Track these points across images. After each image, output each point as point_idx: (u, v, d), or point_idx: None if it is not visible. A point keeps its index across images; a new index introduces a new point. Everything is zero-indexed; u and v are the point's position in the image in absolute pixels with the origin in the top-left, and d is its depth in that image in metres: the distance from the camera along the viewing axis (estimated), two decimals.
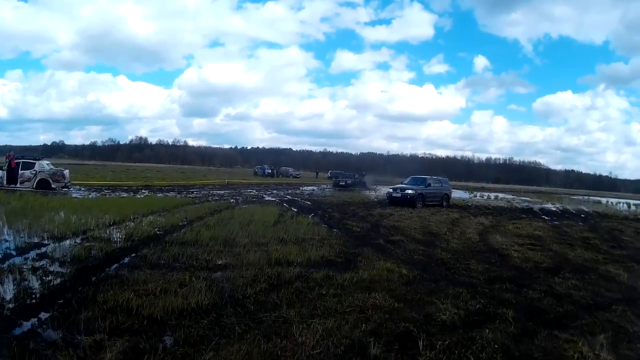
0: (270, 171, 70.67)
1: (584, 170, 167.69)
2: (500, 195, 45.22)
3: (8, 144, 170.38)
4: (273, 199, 24.33)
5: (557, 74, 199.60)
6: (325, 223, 14.62)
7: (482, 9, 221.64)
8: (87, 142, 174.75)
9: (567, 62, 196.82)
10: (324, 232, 12.53)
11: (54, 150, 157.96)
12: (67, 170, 24.88)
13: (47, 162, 24.51)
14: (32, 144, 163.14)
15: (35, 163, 22.77)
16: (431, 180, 25.61)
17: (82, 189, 25.67)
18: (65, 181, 23.48)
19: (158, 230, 11.35)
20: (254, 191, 31.31)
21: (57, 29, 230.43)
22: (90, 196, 20.97)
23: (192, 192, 27.64)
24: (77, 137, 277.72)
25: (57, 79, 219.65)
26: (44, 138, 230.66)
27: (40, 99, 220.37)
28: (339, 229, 13.59)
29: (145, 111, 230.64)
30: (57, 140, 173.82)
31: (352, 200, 26.02)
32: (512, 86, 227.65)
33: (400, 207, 22.30)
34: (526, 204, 34.02)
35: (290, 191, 33.72)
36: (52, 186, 22.22)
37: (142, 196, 22.16)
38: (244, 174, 72.65)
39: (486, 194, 46.35)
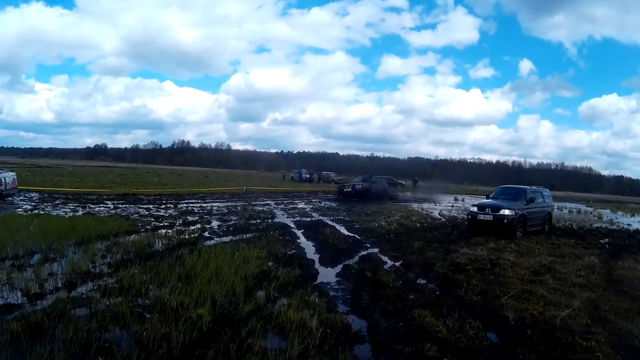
0: (308, 176, 61.61)
1: (629, 175, 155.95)
2: (571, 205, 37.68)
3: (53, 146, 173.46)
4: (286, 221, 15.82)
5: (601, 76, 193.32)
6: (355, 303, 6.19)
7: (525, 12, 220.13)
8: (129, 146, 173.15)
9: (611, 64, 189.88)
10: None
11: (96, 153, 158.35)
12: (12, 175, 18.73)
13: None
14: (77, 147, 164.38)
15: None
16: (532, 192, 16.06)
17: (31, 197, 19.67)
18: (4, 187, 17.49)
19: None
20: (272, 203, 23.23)
21: (101, 36, 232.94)
22: None
23: (178, 205, 19.67)
24: (123, 141, 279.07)
25: (103, 84, 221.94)
26: (90, 141, 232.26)
27: (86, 104, 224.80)
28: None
29: (192, 116, 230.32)
30: (99, 143, 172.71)
31: (408, 223, 16.96)
32: (557, 90, 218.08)
33: (488, 238, 13.31)
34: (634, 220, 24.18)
35: (323, 203, 25.39)
36: None
37: (81, 213, 14.82)
38: (275, 179, 64.45)
39: (556, 204, 35.92)
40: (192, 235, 11.47)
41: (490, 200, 15.67)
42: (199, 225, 13.23)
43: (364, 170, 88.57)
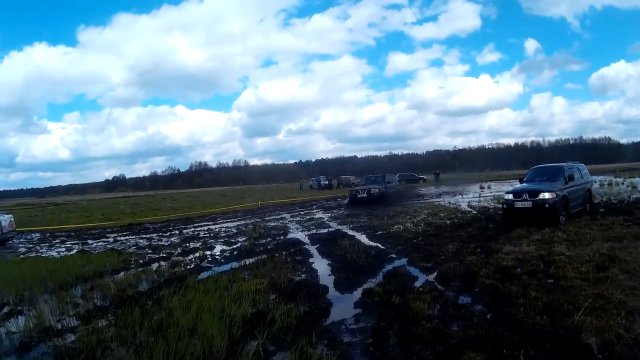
0: (326, 182, 59.72)
1: None
2: (599, 177, 34.37)
3: (72, 183, 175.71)
4: (299, 235, 14.17)
5: (607, 45, 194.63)
6: None
7: None
8: (148, 174, 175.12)
9: (615, 32, 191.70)
10: None
11: (115, 185, 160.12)
12: (8, 217, 17.80)
13: None
14: (96, 181, 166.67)
15: None
16: (570, 169, 14.02)
17: (31, 239, 18.85)
18: (0, 232, 16.69)
19: None
20: (287, 216, 21.61)
21: (108, 68, 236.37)
22: None
23: (184, 230, 18.15)
24: (141, 170, 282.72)
25: (115, 116, 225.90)
26: (108, 174, 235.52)
27: (100, 137, 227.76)
28: None
29: (207, 137, 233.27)
30: (118, 174, 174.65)
31: (437, 221, 15.17)
32: (566, 65, 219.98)
33: (529, 227, 11.37)
34: None
35: (342, 210, 23.37)
36: None
37: (75, 252, 13.79)
38: (294, 189, 62.86)
39: None
40: (187, 267, 10.01)
41: (525, 184, 13.71)
42: (199, 254, 11.72)
43: (383, 170, 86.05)
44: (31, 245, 16.45)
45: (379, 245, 11.09)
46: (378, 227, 14.44)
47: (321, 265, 9.10)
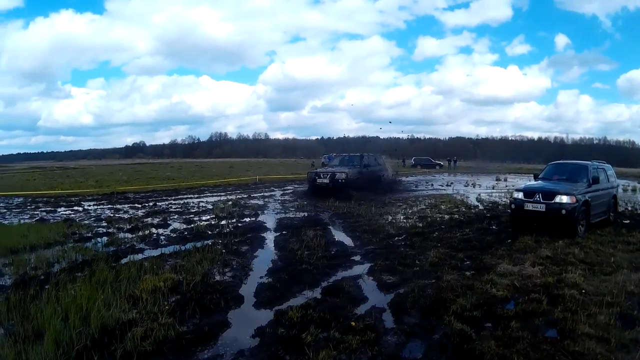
0: None
1: None
2: (621, 182, 29.99)
3: (93, 147, 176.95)
4: (270, 219, 12.39)
5: (638, 48, 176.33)
6: None
7: None
8: (168, 142, 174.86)
9: None
10: None
11: (134, 151, 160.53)
12: None
13: None
14: (117, 147, 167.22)
15: None
16: (595, 169, 11.75)
17: (9, 203, 17.57)
18: None
19: None
20: (278, 194, 20.00)
21: (134, 37, 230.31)
22: None
23: (159, 203, 16.66)
24: (164, 138, 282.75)
25: (140, 84, 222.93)
26: (129, 140, 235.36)
27: (124, 104, 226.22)
28: None
29: (232, 109, 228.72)
30: (138, 141, 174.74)
31: (433, 215, 13.10)
32: (595, 64, 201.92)
33: (539, 236, 9.30)
34: None
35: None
36: None
37: (32, 220, 12.77)
38: (306, 165, 61.07)
39: None
40: (120, 247, 8.57)
41: (540, 182, 11.43)
42: (147, 231, 10.24)
43: (406, 152, 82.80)
44: (4, 210, 15.38)
45: (348, 240, 9.22)
46: (363, 216, 12.49)
47: (260, 262, 7.32)
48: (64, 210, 14.79)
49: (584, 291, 5.60)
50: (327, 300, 5.20)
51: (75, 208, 15.44)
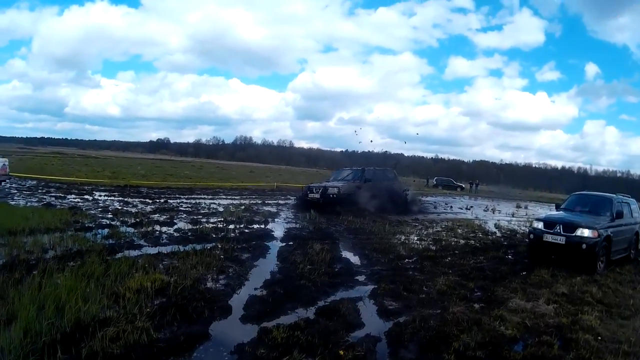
0: None
1: None
2: None
3: (117, 139, 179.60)
4: (279, 227, 12.24)
5: None
6: None
7: (589, 14, 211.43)
8: (192, 141, 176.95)
9: None
10: None
11: (158, 147, 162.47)
12: (2, 161, 17.24)
13: None
14: (142, 140, 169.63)
15: None
16: (619, 203, 11.11)
17: (22, 185, 18.31)
18: None
19: None
20: (293, 206, 19.21)
21: (167, 33, 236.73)
22: None
23: (170, 200, 16.59)
24: (189, 136, 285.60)
25: (170, 80, 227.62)
26: (155, 135, 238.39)
27: (152, 99, 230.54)
28: None
29: (259, 113, 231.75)
30: (163, 137, 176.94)
31: (448, 239, 12.54)
32: (623, 95, 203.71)
33: (556, 270, 8.70)
34: None
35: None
36: None
37: (39, 204, 12.86)
38: (326, 176, 60.68)
39: None
40: (118, 241, 8.36)
41: (561, 212, 10.85)
42: (150, 228, 10.01)
43: (429, 172, 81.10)
44: (15, 192, 15.79)
45: (355, 258, 8.78)
46: (376, 233, 12.07)
47: (258, 272, 6.94)
48: (74, 198, 14.86)
49: (599, 337, 5.06)
50: (319, 322, 4.78)
51: (85, 197, 15.48)
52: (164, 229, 10.17)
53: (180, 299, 4.99)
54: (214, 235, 9.64)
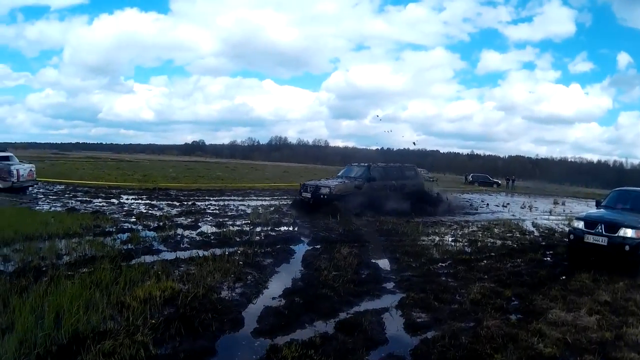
0: None
1: None
2: None
3: (153, 142, 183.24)
4: (308, 232, 11.75)
5: None
6: None
7: (618, 2, 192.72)
8: (227, 142, 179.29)
9: None
10: None
11: (193, 149, 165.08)
12: (28, 167, 17.18)
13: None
14: (176, 143, 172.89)
15: None
16: None
17: (49, 190, 18.27)
18: (16, 179, 16.05)
19: None
20: None
21: (198, 38, 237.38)
22: None
23: (198, 202, 16.49)
24: (224, 138, 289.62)
25: (203, 84, 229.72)
26: (190, 138, 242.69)
27: (186, 103, 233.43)
28: None
29: (293, 113, 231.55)
30: (198, 140, 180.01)
31: (484, 240, 11.87)
32: None
33: (598, 273, 7.94)
34: None
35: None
36: None
37: (63, 209, 12.81)
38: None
39: None
40: (136, 246, 8.17)
41: (602, 210, 10.06)
42: (172, 232, 9.80)
43: (466, 169, 78.30)
44: (41, 197, 15.91)
45: (384, 263, 8.27)
46: (408, 234, 11.49)
47: (279, 280, 6.58)
48: (99, 202, 14.86)
49: None
50: (337, 338, 4.37)
51: (112, 200, 15.50)
52: (187, 232, 9.95)
53: (189, 309, 4.70)
54: (237, 239, 9.34)
